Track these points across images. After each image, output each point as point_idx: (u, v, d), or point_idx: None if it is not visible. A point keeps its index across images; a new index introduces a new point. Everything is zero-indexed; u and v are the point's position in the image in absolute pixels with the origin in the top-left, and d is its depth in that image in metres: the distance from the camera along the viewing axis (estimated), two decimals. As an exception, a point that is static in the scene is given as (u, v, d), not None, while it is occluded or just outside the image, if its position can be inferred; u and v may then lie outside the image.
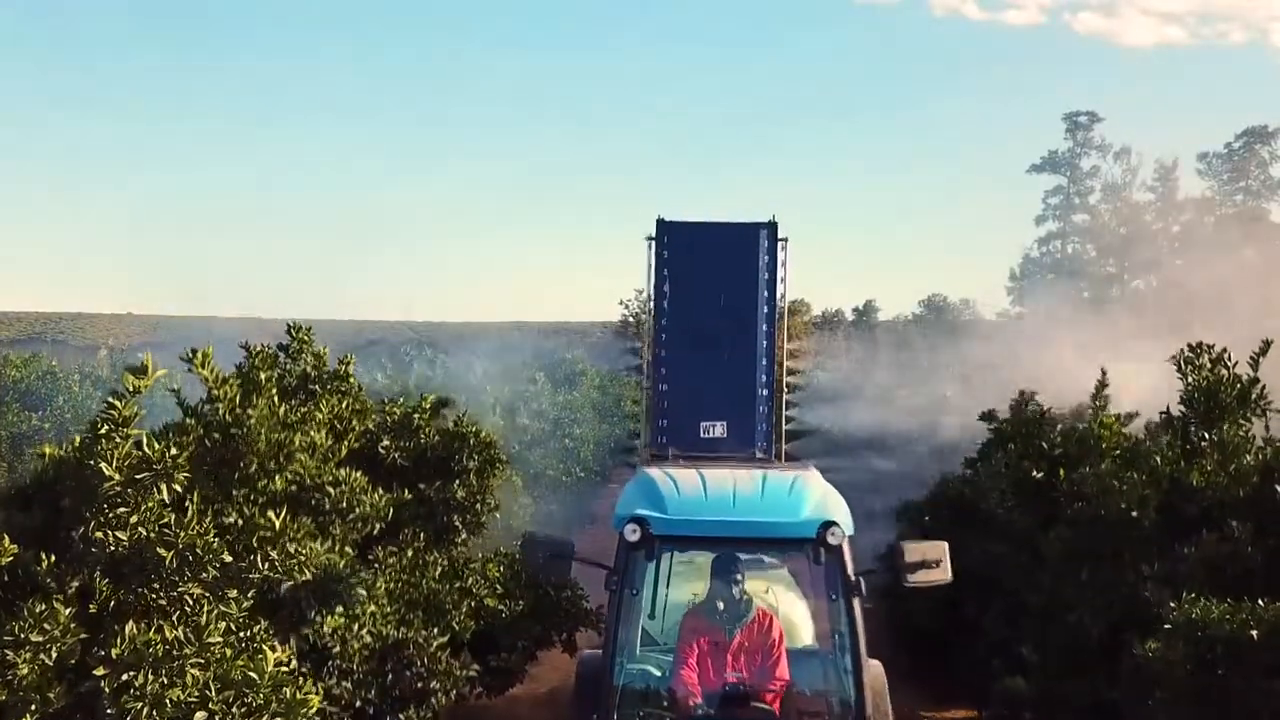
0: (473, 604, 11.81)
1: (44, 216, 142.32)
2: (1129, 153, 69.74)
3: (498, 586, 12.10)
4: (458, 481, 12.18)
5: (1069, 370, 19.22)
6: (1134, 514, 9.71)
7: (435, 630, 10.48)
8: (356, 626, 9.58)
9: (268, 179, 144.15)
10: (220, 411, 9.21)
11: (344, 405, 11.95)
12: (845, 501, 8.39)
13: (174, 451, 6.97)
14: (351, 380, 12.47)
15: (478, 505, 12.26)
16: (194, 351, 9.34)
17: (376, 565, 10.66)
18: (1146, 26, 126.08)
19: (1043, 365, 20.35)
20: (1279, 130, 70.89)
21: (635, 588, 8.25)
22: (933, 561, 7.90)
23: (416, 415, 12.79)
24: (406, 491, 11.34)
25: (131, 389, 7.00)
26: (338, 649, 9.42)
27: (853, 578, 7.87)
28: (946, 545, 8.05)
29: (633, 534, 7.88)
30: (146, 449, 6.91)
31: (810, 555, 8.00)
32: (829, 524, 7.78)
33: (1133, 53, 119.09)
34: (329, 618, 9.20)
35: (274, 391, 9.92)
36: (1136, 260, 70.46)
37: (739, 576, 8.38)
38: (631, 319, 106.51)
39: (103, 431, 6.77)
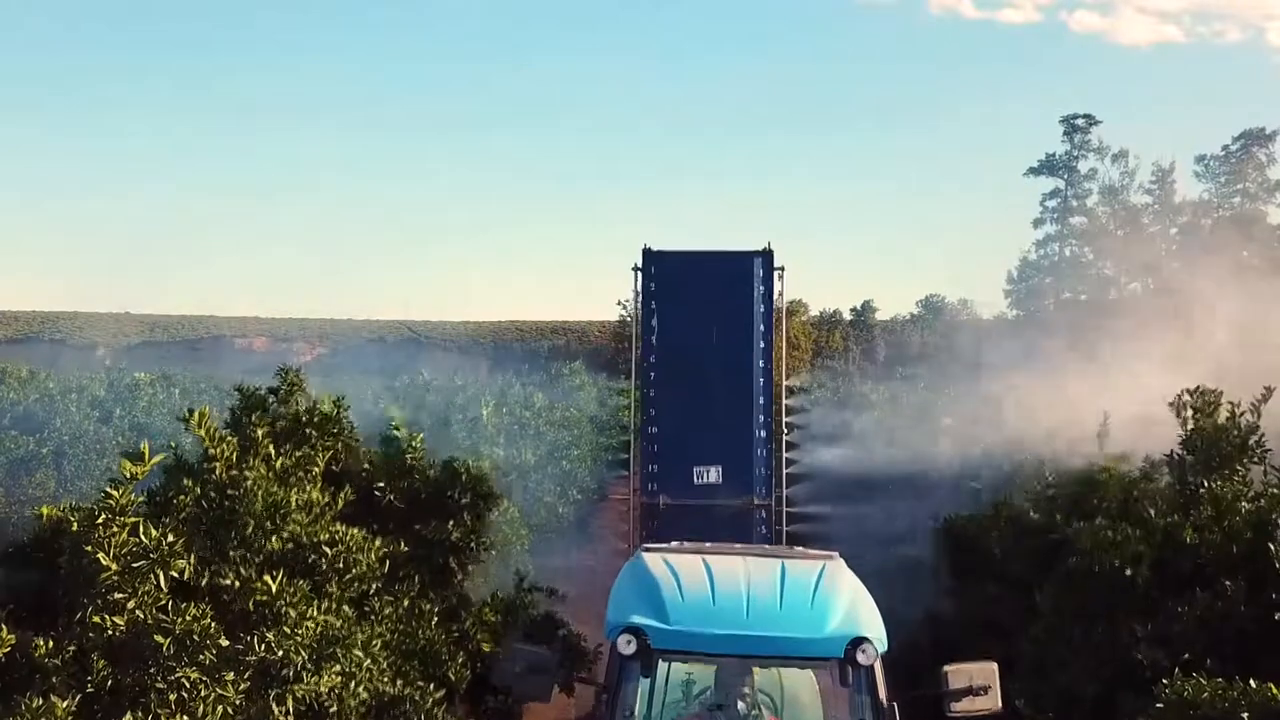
0: (470, 648, 11.82)
1: (41, 216, 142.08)
2: (1126, 155, 69.78)
3: (495, 631, 12.12)
4: (452, 522, 12.19)
5: (1071, 394, 18.92)
6: (1128, 572, 9.72)
7: (431, 685, 10.51)
8: (354, 684, 9.59)
9: (266, 178, 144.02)
10: (217, 471, 9.23)
11: (338, 447, 11.98)
12: (878, 608, 7.34)
13: (170, 539, 7.00)
14: (344, 422, 12.50)
15: (473, 545, 12.27)
16: (190, 411, 9.37)
17: (373, 616, 10.68)
18: (1143, 25, 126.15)
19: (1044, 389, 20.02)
20: (1277, 133, 70.90)
21: (629, 708, 6.96)
22: (980, 688, 7.07)
23: (410, 454, 12.80)
24: (403, 541, 11.35)
25: (129, 474, 7.03)
26: (335, 708, 9.45)
27: (885, 703, 6.78)
28: (995, 668, 7.26)
29: (628, 646, 6.72)
30: (144, 536, 6.94)
31: (837, 675, 6.78)
32: (859, 640, 6.66)
33: (1129, 51, 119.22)
34: (325, 677, 9.22)
35: (269, 446, 9.94)
36: (1134, 263, 70.54)
37: (747, 690, 7.38)
38: (629, 318, 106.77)
39: (100, 520, 6.80)
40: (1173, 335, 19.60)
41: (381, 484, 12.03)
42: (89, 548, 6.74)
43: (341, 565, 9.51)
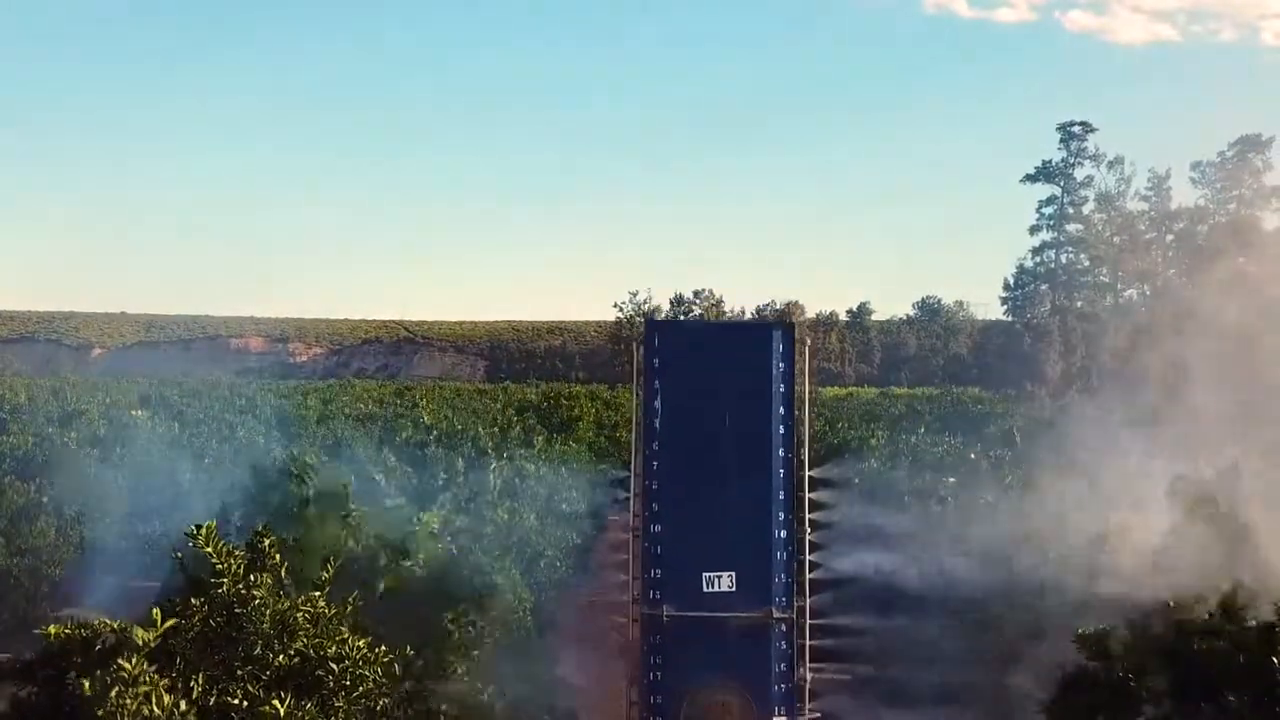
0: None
1: (37, 216, 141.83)
2: (1122, 162, 69.85)
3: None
4: (450, 619, 12.19)
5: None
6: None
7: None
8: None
9: (262, 176, 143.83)
10: (225, 588, 9.24)
11: (344, 534, 12.05)
12: None
13: (183, 707, 7.01)
14: (350, 504, 12.57)
15: (473, 634, 12.30)
16: (198, 528, 9.36)
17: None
18: (1137, 24, 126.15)
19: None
20: (1272, 139, 71.01)
21: None
22: None
23: (417, 534, 12.85)
24: (407, 644, 11.33)
25: (141, 642, 7.04)
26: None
27: None
28: None
29: None
30: (155, 708, 6.95)
31: None
32: None
33: (1124, 50, 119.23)
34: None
35: (277, 556, 9.94)
36: (1130, 269, 70.64)
37: None
38: (626, 320, 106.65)
39: (113, 694, 6.82)
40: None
41: (384, 585, 12.02)
42: (100, 712, 6.75)
43: (349, 681, 9.51)
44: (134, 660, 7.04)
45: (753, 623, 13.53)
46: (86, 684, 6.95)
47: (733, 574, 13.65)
